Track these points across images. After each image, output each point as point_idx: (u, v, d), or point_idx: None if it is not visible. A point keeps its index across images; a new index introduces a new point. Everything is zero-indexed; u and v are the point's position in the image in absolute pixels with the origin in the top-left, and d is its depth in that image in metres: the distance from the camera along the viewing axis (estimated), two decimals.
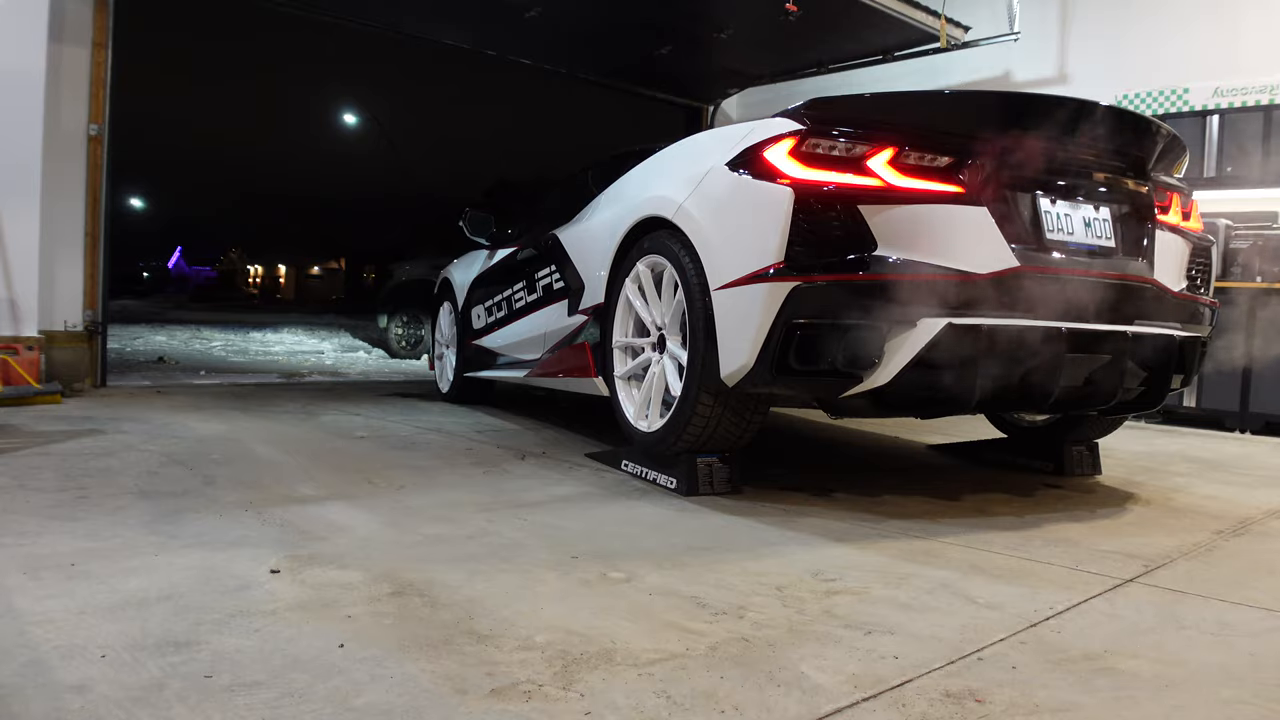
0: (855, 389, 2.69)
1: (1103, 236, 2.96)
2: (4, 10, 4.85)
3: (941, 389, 2.69)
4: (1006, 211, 2.75)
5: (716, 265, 2.80)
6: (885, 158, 2.65)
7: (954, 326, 2.57)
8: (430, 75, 16.16)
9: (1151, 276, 3.02)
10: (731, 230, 2.78)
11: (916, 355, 2.59)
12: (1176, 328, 3.06)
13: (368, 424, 4.41)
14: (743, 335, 2.69)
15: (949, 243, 2.64)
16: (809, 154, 2.66)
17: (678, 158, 3.25)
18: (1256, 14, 6.03)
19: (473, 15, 6.71)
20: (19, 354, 4.79)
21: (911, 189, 2.65)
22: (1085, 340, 2.79)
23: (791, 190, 2.59)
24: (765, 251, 2.62)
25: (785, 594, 1.96)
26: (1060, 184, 2.89)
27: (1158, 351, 2.99)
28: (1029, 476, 3.62)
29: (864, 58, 7.53)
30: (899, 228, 2.61)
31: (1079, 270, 2.83)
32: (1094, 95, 6.64)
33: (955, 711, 1.40)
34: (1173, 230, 3.17)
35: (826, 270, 2.58)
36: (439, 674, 1.46)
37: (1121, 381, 2.92)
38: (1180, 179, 3.39)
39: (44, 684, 1.37)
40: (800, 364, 2.64)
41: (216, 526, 2.35)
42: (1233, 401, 5.58)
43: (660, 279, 3.16)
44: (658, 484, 3.09)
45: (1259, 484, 3.72)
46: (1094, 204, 2.96)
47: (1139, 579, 2.19)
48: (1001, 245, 2.68)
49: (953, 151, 2.71)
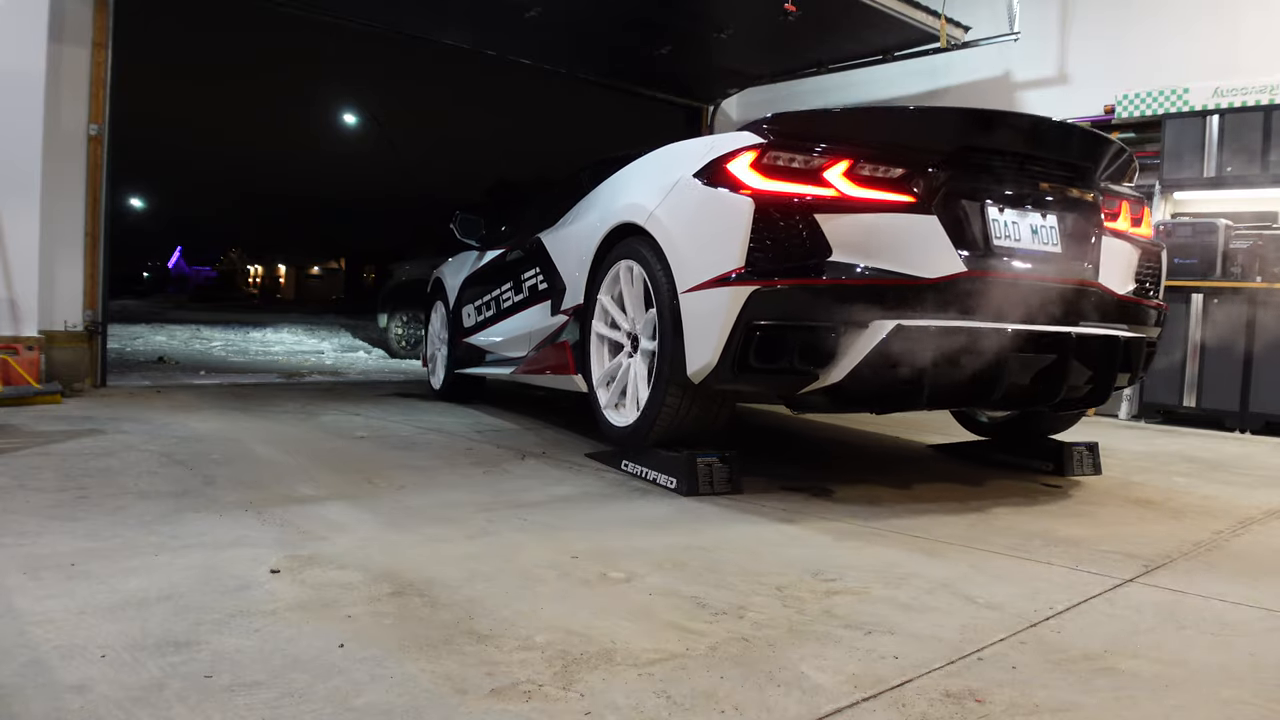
0: (812, 386, 2.87)
1: (1049, 243, 3.09)
2: (4, 10, 4.85)
3: (893, 386, 2.86)
4: (956, 219, 2.89)
5: (684, 270, 2.95)
6: (841, 169, 2.82)
7: (903, 328, 2.73)
8: (430, 75, 16.15)
9: (1096, 280, 3.17)
10: (698, 237, 2.93)
11: (868, 355, 2.75)
12: (1122, 329, 3.21)
13: (368, 424, 4.41)
14: (707, 336, 2.84)
15: (900, 249, 2.80)
16: (769, 166, 2.81)
17: (650, 167, 3.38)
18: (1256, 14, 6.03)
19: (473, 15, 6.71)
20: (19, 354, 4.79)
21: (865, 199, 2.81)
22: (1030, 341, 2.93)
23: (752, 200, 2.75)
24: (728, 257, 2.78)
25: (785, 594, 1.96)
26: (1009, 193, 3.03)
27: (1102, 351, 3.13)
28: (1029, 476, 3.62)
29: (864, 58, 7.53)
30: (853, 235, 2.77)
31: (1025, 275, 2.98)
32: (1094, 95, 6.66)
33: (955, 711, 1.40)
34: (1120, 236, 3.32)
35: (784, 275, 2.74)
36: (439, 674, 1.46)
37: (1066, 380, 3.04)
38: (1132, 187, 3.54)
39: (44, 684, 1.37)
40: (760, 363, 2.80)
41: (216, 526, 2.35)
42: (1233, 401, 5.58)
43: (634, 281, 3.30)
44: (658, 484, 3.09)
45: (1259, 484, 3.72)
46: (1041, 211, 3.10)
47: (1139, 579, 2.19)
48: (950, 251, 2.84)
49: (905, 163, 2.86)
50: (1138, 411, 6.09)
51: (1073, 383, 3.12)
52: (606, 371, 3.49)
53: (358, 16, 6.94)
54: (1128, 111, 6.34)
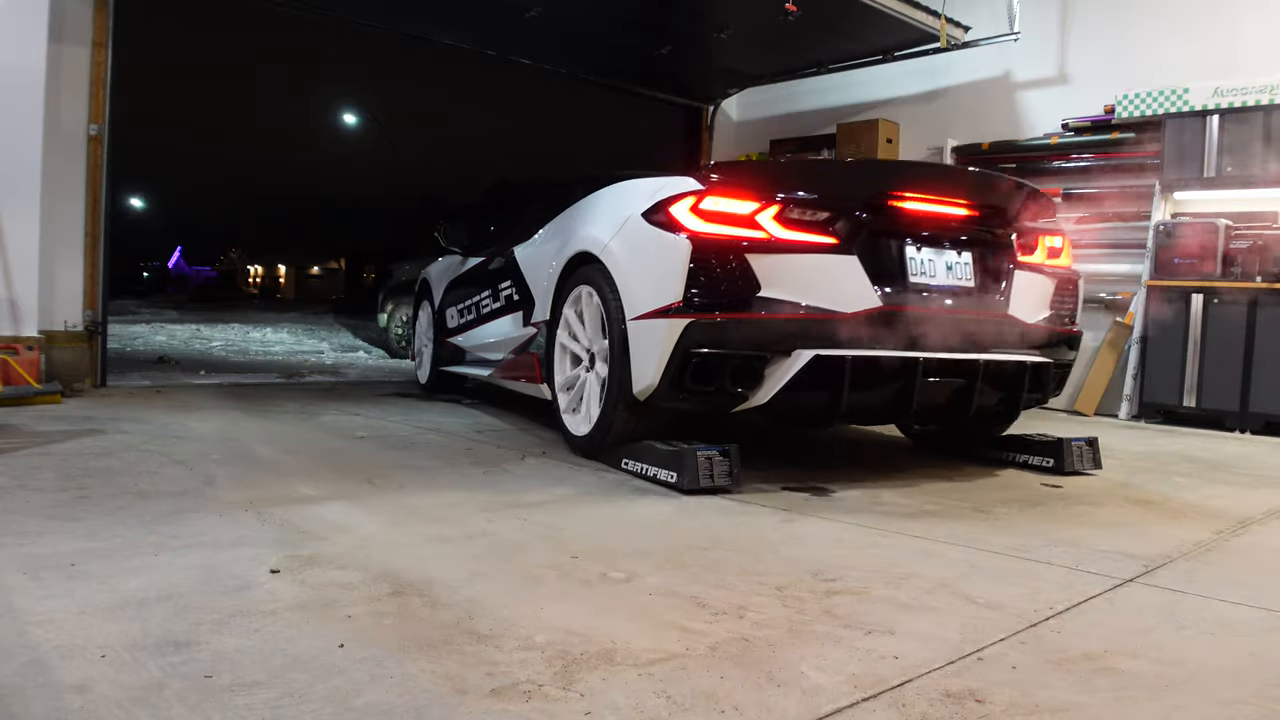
0: (742, 405, 3.20)
1: (963, 278, 3.43)
2: (4, 10, 4.84)
3: (813, 406, 3.24)
4: (874, 258, 3.22)
5: (631, 299, 3.26)
6: (771, 213, 3.13)
7: (821, 357, 3.05)
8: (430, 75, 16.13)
9: (1007, 312, 3.50)
10: (643, 271, 3.24)
11: (790, 379, 3.07)
12: (1033, 354, 3.53)
13: (368, 424, 4.41)
14: (650, 359, 3.15)
15: (822, 286, 3.13)
16: (706, 210, 3.12)
17: (609, 202, 3.66)
18: (1256, 14, 6.02)
19: (473, 15, 6.70)
20: (19, 354, 4.79)
21: (792, 240, 3.14)
22: (940, 367, 3.27)
23: (690, 241, 3.05)
24: (668, 291, 3.09)
25: (785, 594, 1.96)
26: (925, 234, 3.36)
27: (1011, 375, 3.50)
28: (1029, 476, 3.62)
29: (864, 58, 7.52)
30: (780, 273, 3.09)
31: (937, 308, 3.32)
32: (1094, 95, 6.67)
33: (955, 711, 1.40)
34: (1034, 269, 3.64)
35: (718, 309, 3.06)
36: (439, 674, 1.46)
37: (974, 401, 3.40)
38: (1052, 222, 3.85)
39: (44, 684, 1.37)
40: (696, 385, 3.11)
41: (216, 526, 2.35)
42: (1233, 401, 5.58)
43: (591, 305, 3.59)
44: (657, 480, 3.10)
45: (1259, 484, 3.72)
46: (957, 250, 3.43)
47: (1139, 579, 2.19)
48: (867, 288, 3.17)
49: (829, 209, 3.19)
50: (1138, 411, 6.09)
51: (982, 403, 3.46)
52: (567, 382, 3.79)
53: (358, 16, 6.94)
54: (1128, 111, 6.34)
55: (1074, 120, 6.79)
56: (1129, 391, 6.16)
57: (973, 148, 7.30)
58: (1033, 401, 3.72)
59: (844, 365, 3.08)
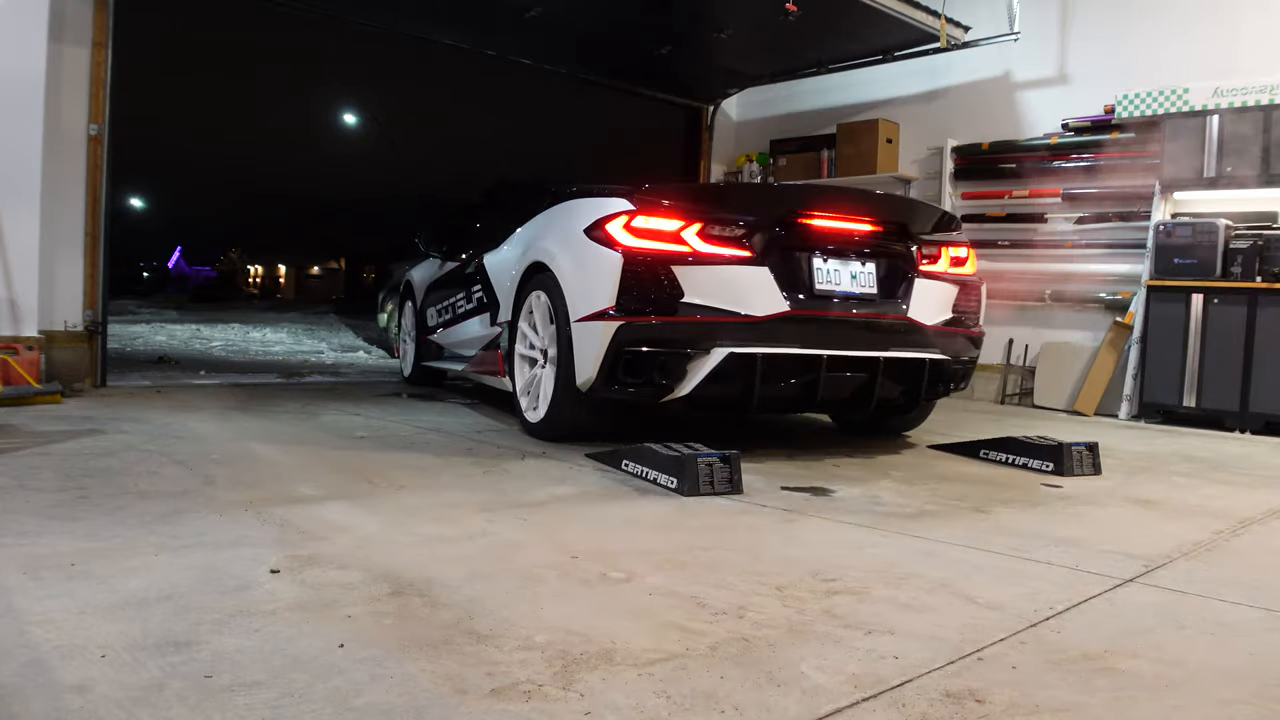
0: (668, 396, 3.64)
1: (866, 286, 3.87)
2: (4, 10, 4.84)
3: (729, 397, 3.68)
4: (784, 269, 3.66)
5: (575, 304, 3.72)
6: (694, 230, 3.59)
7: (735, 354, 3.52)
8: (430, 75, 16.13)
9: (906, 315, 3.93)
10: (584, 279, 3.70)
11: (709, 374, 3.54)
12: (933, 352, 3.97)
13: (368, 424, 4.41)
14: (589, 356, 3.61)
15: (737, 293, 3.58)
16: (637, 228, 3.58)
17: (559, 219, 4.10)
18: (1256, 14, 6.03)
19: (473, 15, 6.70)
20: (19, 354, 4.79)
21: (712, 254, 3.59)
22: (843, 363, 3.74)
23: (622, 255, 3.53)
24: (604, 297, 3.56)
25: (785, 594, 1.96)
26: (831, 247, 3.80)
27: (909, 371, 3.95)
28: (1029, 477, 3.62)
29: (864, 57, 7.53)
30: (701, 282, 3.56)
31: (841, 312, 3.77)
32: (1094, 95, 6.68)
33: (955, 711, 1.40)
34: (935, 277, 4.07)
35: (646, 313, 3.53)
36: (439, 674, 1.46)
37: (876, 392, 3.85)
38: (957, 235, 4.28)
39: (44, 684, 1.37)
40: (627, 378, 3.60)
41: (216, 526, 2.35)
42: (1233, 401, 5.58)
43: (543, 308, 4.01)
44: (658, 484, 3.10)
45: (1259, 484, 3.72)
46: (861, 261, 3.86)
47: (1139, 579, 2.19)
48: (777, 295, 3.62)
49: (745, 226, 3.64)
50: (1138, 411, 6.09)
51: (884, 395, 3.94)
52: (524, 376, 4.21)
53: (358, 16, 6.94)
54: (1128, 111, 6.34)
55: (1074, 120, 6.79)
56: (1129, 391, 6.16)
57: (973, 148, 7.30)
58: (933, 394, 4.15)
59: (755, 361, 3.55)
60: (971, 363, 4.22)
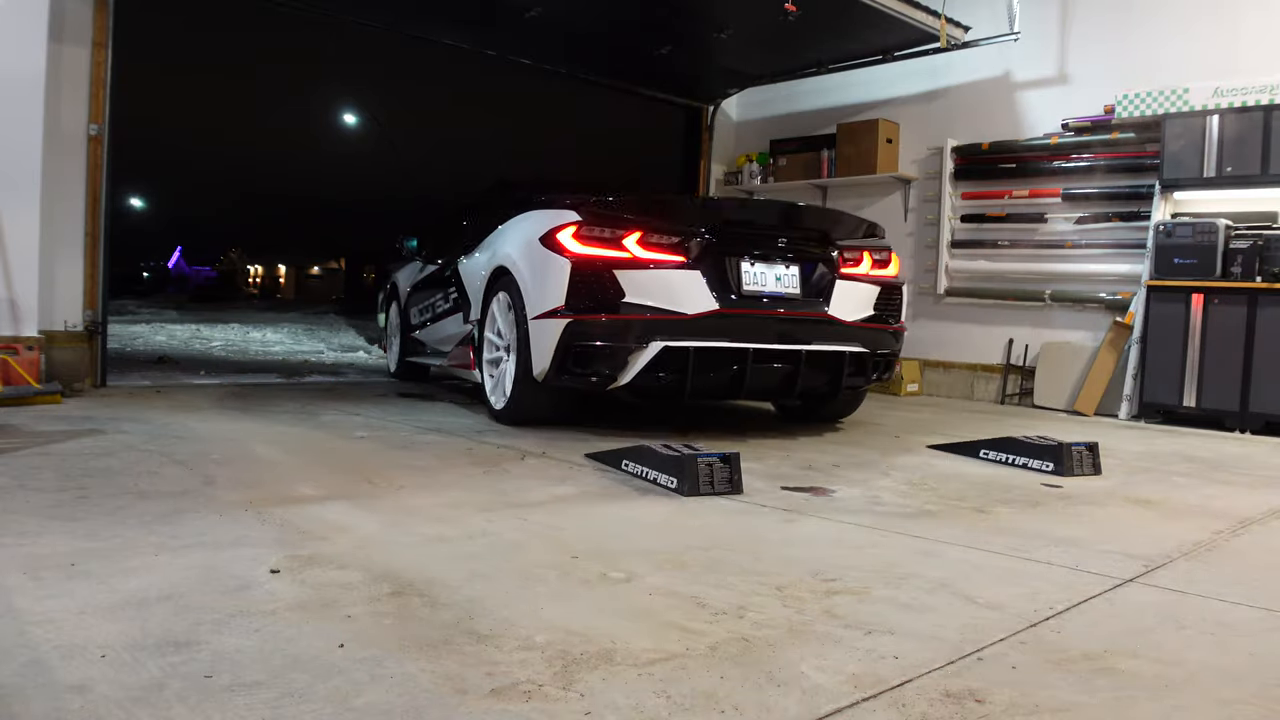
0: (612, 385, 4.08)
1: (790, 287, 4.30)
2: (4, 10, 4.84)
3: (665, 385, 4.11)
4: (715, 272, 4.09)
5: (531, 303, 4.16)
6: (634, 238, 4.04)
7: (669, 348, 3.98)
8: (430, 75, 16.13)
9: (827, 312, 4.35)
10: (539, 282, 4.14)
11: (646, 365, 3.99)
12: (853, 345, 4.39)
13: (368, 424, 4.41)
14: (543, 349, 4.07)
15: (672, 294, 4.02)
16: (584, 236, 4.04)
17: (519, 228, 4.50)
18: (1256, 14, 6.02)
19: (473, 15, 6.70)
20: (19, 354, 4.79)
21: (650, 259, 4.03)
22: (768, 355, 4.18)
23: (570, 261, 4.01)
24: (555, 298, 4.03)
25: (785, 594, 1.96)
26: (758, 252, 4.23)
27: (830, 362, 4.37)
28: (1029, 476, 3.62)
29: (864, 57, 7.52)
30: (640, 284, 4.00)
31: (766, 310, 4.20)
32: (1094, 95, 6.69)
33: (955, 711, 1.40)
34: (856, 279, 4.49)
35: (591, 311, 3.99)
36: (439, 674, 1.46)
37: (799, 381, 4.29)
38: (879, 240, 4.76)
39: (44, 684, 1.37)
40: (576, 369, 4.07)
41: (216, 526, 2.35)
42: (1233, 401, 5.58)
43: (506, 308, 4.44)
44: (658, 484, 3.10)
45: (1259, 484, 3.72)
46: (785, 264, 4.30)
47: (1139, 579, 2.19)
48: (707, 295, 4.05)
49: (679, 234, 4.09)
50: (1138, 411, 6.09)
51: (808, 384, 4.37)
52: (490, 368, 4.64)
53: (358, 16, 6.94)
54: (1128, 111, 6.34)
55: (1074, 120, 6.78)
56: (1129, 391, 6.16)
57: (973, 148, 7.30)
58: (855, 383, 4.56)
59: (688, 354, 4.00)
60: (893, 354, 4.65)
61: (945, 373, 7.53)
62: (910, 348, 7.69)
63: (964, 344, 7.41)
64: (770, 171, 8.65)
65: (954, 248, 7.46)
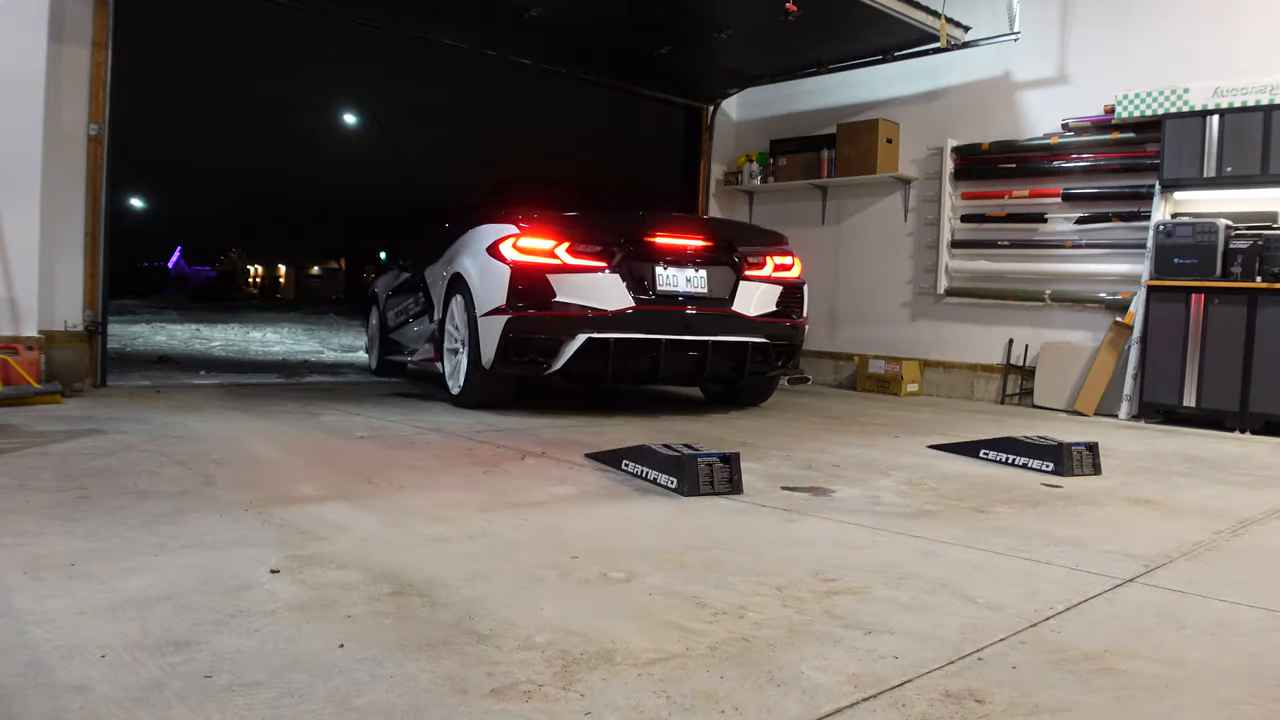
0: (547, 371, 4.79)
1: (699, 287, 5.05)
2: (4, 10, 4.84)
3: (590, 370, 4.83)
4: (633, 276, 4.85)
5: (480, 303, 4.86)
6: (564, 248, 4.77)
7: (593, 339, 4.70)
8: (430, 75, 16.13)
9: (731, 309, 5.10)
10: (486, 285, 4.85)
11: (574, 353, 4.70)
12: (755, 337, 5.12)
13: (368, 424, 4.41)
14: (490, 342, 4.79)
15: (595, 294, 4.75)
16: (522, 247, 4.76)
17: (471, 241, 5.19)
18: (1256, 14, 6.02)
19: (473, 15, 6.70)
20: (19, 354, 4.79)
21: (577, 265, 4.76)
22: (679, 345, 4.91)
23: (510, 268, 4.73)
24: (498, 298, 4.75)
25: (785, 594, 1.96)
26: (669, 258, 4.99)
27: (734, 351, 5.11)
28: (1029, 476, 3.62)
29: (864, 57, 7.52)
30: (569, 286, 4.74)
31: (677, 307, 4.94)
32: (1094, 95, 6.68)
33: (955, 711, 1.40)
34: (758, 280, 5.24)
35: (528, 309, 4.71)
36: (439, 674, 1.46)
37: (707, 367, 5.04)
38: (782, 247, 5.48)
39: (44, 684, 1.37)
40: (516, 358, 4.79)
41: (216, 526, 2.35)
42: (1233, 401, 5.58)
43: (461, 309, 5.11)
44: (658, 484, 3.10)
45: (1259, 484, 3.72)
46: (695, 268, 5.06)
47: (1139, 579, 2.19)
48: (625, 295, 4.80)
49: (602, 244, 4.83)
50: (1138, 411, 6.09)
51: (715, 370, 5.14)
52: (449, 360, 5.34)
53: (358, 16, 6.94)
54: (1128, 111, 6.34)
55: (1074, 120, 6.78)
56: (1129, 391, 6.16)
57: (973, 148, 7.30)
58: (757, 369, 5.28)
59: (609, 344, 4.72)
60: (793, 345, 5.41)
61: (945, 373, 7.53)
62: (910, 348, 7.70)
63: (964, 344, 7.41)
64: (770, 171, 8.65)
65: (954, 248, 7.46)
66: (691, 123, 9.02)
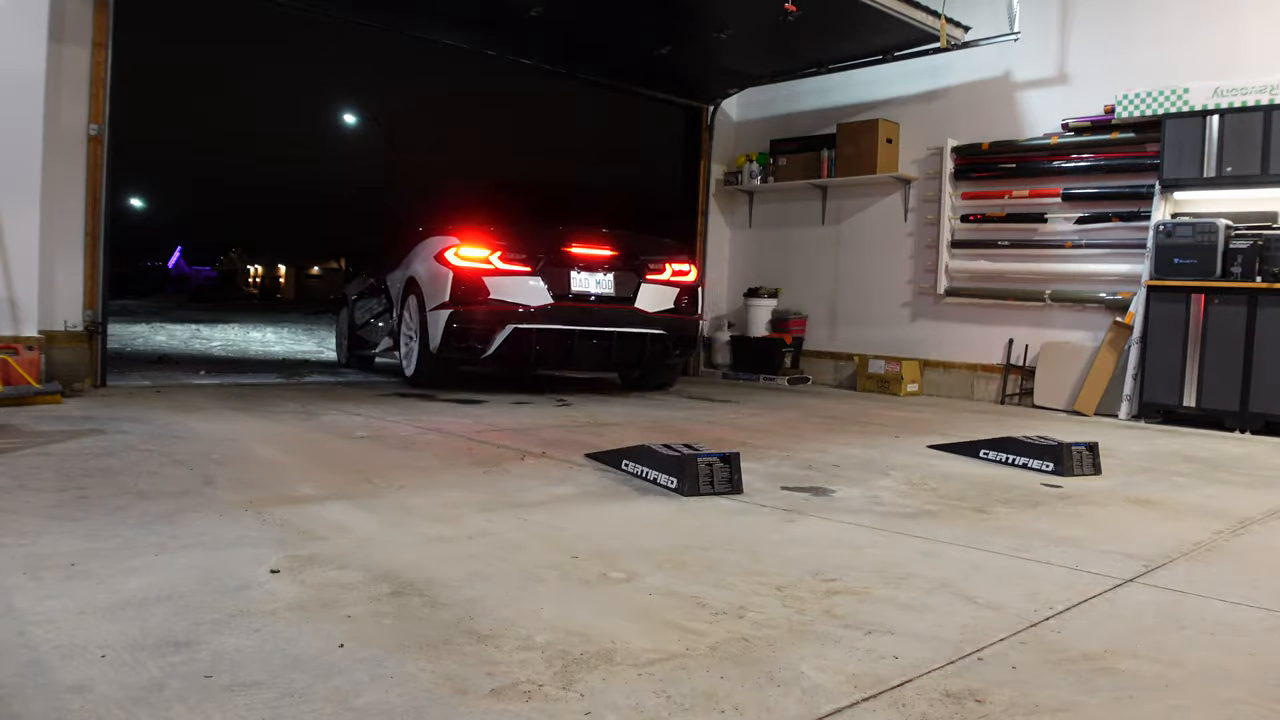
0: (482, 355, 5.79)
1: (606, 288, 6.05)
2: (4, 10, 4.84)
3: (517, 355, 5.84)
4: (552, 279, 5.85)
5: (428, 301, 5.89)
6: (497, 255, 5.79)
7: (517, 329, 5.72)
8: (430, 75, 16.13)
9: (634, 306, 6.12)
10: (433, 286, 5.89)
11: (503, 340, 5.73)
12: (654, 329, 6.14)
13: (368, 424, 4.41)
14: (436, 331, 5.80)
15: (522, 293, 5.78)
16: (462, 254, 5.78)
17: (423, 250, 6.20)
18: (1256, 14, 6.02)
19: (473, 15, 6.71)
20: (19, 354, 4.79)
21: (507, 269, 5.79)
22: (589, 336, 5.92)
23: (452, 271, 5.77)
24: (442, 296, 5.78)
25: (785, 594, 1.96)
26: (582, 264, 5.98)
27: (636, 341, 6.12)
28: (1029, 476, 3.62)
29: (864, 58, 7.52)
30: (500, 286, 5.76)
31: (588, 304, 5.95)
32: (1094, 95, 6.68)
33: (955, 711, 1.40)
34: (657, 282, 6.25)
35: (467, 304, 5.71)
36: (439, 674, 1.46)
37: (613, 355, 6.10)
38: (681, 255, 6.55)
39: (44, 684, 1.37)
40: (457, 344, 5.78)
41: (216, 526, 2.35)
42: (1233, 401, 5.58)
43: (415, 306, 6.09)
44: (658, 484, 3.10)
45: (1259, 484, 3.72)
46: (603, 273, 6.06)
47: (1139, 579, 2.19)
48: (545, 294, 5.82)
49: (527, 252, 5.85)
50: (1138, 411, 6.09)
51: (621, 357, 6.17)
52: (405, 348, 6.33)
53: (357, 16, 6.94)
54: (1128, 111, 6.34)
55: (1074, 120, 6.79)
56: (1129, 391, 6.16)
57: (973, 148, 7.31)
58: (656, 356, 6.28)
59: (531, 334, 5.76)
60: (688, 337, 6.46)
61: (945, 373, 7.53)
62: (910, 348, 7.70)
63: (964, 344, 7.41)
64: (770, 171, 8.65)
65: (954, 248, 7.46)
66: (691, 123, 9.02)
